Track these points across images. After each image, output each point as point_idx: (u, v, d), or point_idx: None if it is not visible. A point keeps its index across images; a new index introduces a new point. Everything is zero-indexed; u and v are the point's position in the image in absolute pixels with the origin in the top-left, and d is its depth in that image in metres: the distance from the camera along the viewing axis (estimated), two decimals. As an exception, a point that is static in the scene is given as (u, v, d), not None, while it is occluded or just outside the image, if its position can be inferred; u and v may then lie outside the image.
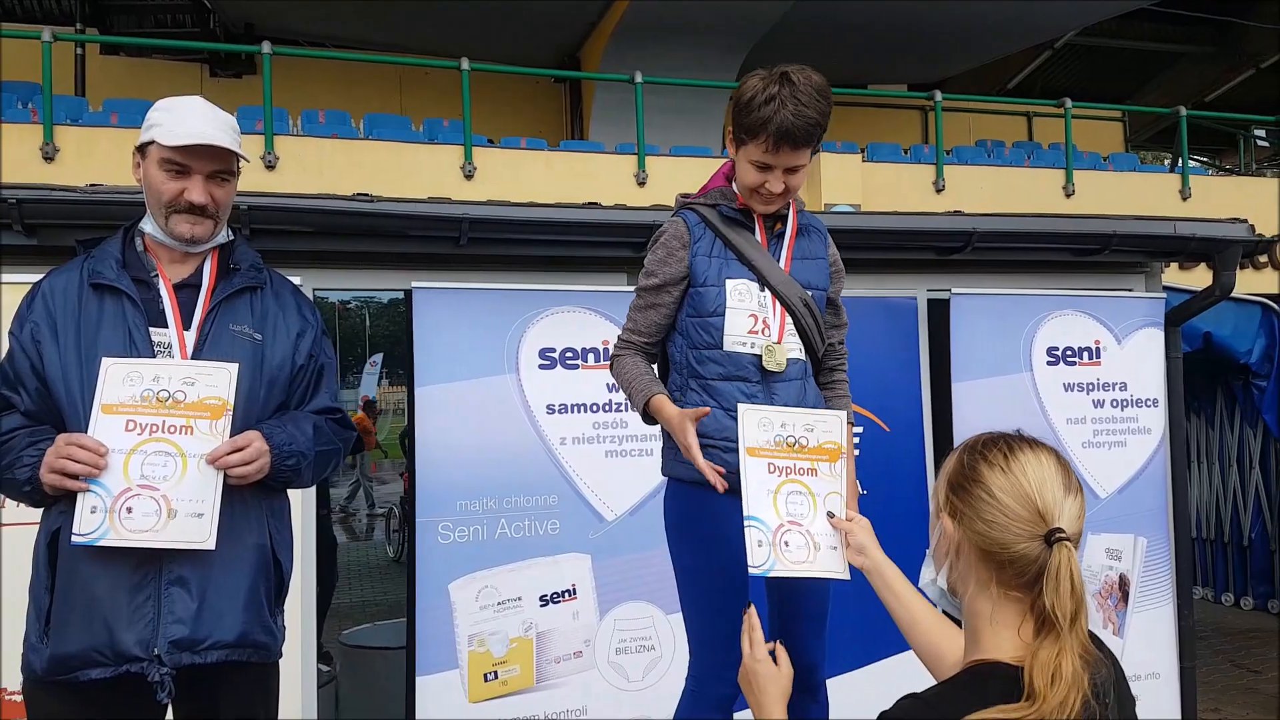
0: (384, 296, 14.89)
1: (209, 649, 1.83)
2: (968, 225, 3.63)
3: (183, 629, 1.81)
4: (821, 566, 1.92)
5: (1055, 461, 1.28)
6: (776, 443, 1.95)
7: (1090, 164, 11.34)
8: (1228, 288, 4.32)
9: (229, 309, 1.96)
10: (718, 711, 2.10)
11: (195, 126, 1.89)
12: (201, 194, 1.91)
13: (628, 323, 2.16)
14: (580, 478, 3.32)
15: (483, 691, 3.11)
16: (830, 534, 1.92)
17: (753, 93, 2.01)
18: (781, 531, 1.90)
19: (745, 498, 1.89)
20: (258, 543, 1.93)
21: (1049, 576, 1.20)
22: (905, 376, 3.77)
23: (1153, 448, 4.08)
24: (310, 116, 9.26)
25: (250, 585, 1.90)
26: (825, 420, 1.99)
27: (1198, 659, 6.24)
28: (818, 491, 1.94)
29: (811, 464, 1.95)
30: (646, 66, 9.65)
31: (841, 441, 2.00)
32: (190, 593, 1.83)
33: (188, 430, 1.83)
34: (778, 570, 1.89)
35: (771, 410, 1.99)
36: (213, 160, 1.92)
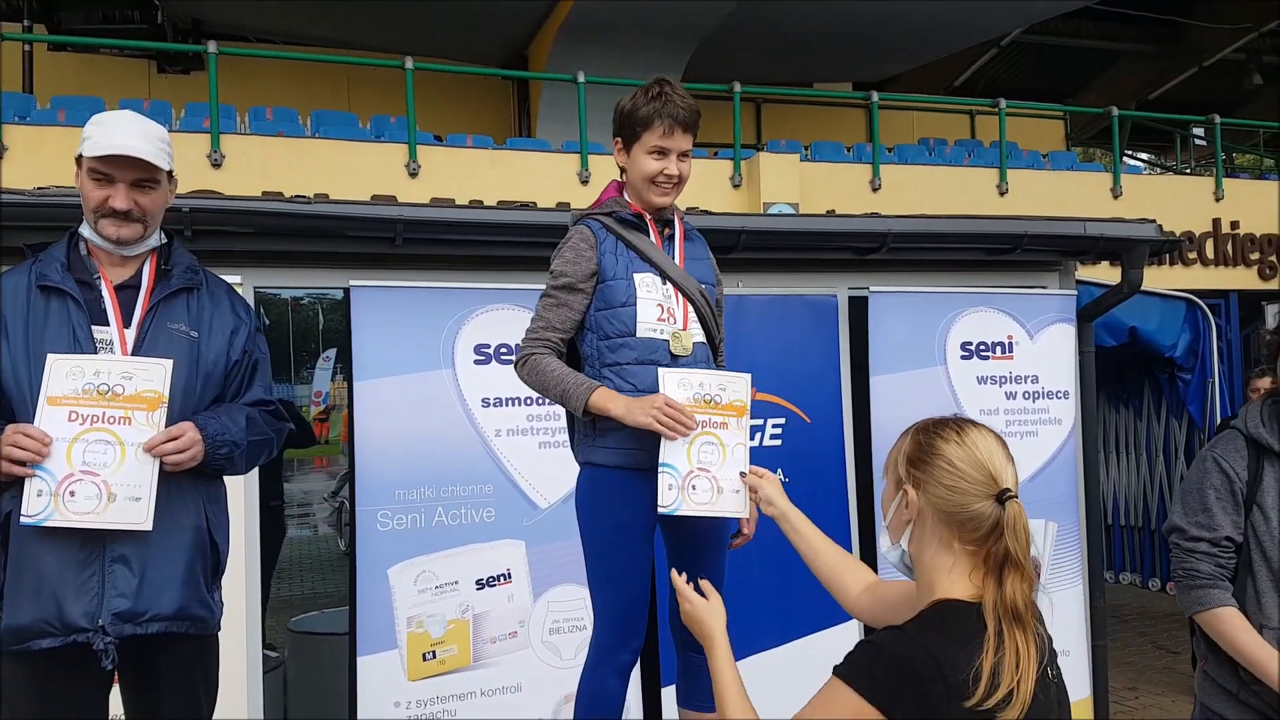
0: (337, 293, 14.82)
1: (149, 620, 2.00)
2: (883, 226, 3.83)
3: (125, 602, 1.97)
4: (723, 508, 2.21)
5: (996, 436, 1.52)
6: (694, 400, 2.20)
7: (1029, 162, 11.65)
8: (1135, 285, 4.55)
9: (166, 308, 2.12)
10: (618, 678, 2.28)
11: (118, 138, 2.05)
12: (124, 201, 2.07)
13: (536, 322, 2.30)
14: (514, 468, 3.46)
15: (421, 670, 3.26)
16: (734, 480, 2.20)
17: (637, 98, 2.29)
18: (691, 477, 2.17)
19: (662, 446, 2.14)
20: (194, 524, 2.10)
21: (1007, 526, 1.43)
22: (826, 370, 3.96)
23: (1063, 437, 4.30)
24: (258, 114, 9.26)
25: (188, 563, 2.06)
26: (735, 381, 2.27)
27: (1122, 641, 6.57)
28: (727, 442, 2.22)
29: (724, 419, 2.23)
30: (592, 65, 9.76)
31: (748, 400, 2.26)
32: (132, 569, 1.99)
33: (126, 421, 2.00)
34: (683, 510, 2.16)
35: (689, 372, 2.24)
36: (134, 169, 2.08)
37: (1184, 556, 2.22)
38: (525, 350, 2.31)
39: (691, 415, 2.16)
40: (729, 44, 11.61)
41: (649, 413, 2.12)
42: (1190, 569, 2.20)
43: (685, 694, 2.45)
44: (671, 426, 2.12)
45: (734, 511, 2.23)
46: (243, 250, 3.20)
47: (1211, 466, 2.22)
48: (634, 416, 2.14)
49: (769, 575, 3.58)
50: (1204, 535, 2.19)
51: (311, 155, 7.93)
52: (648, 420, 2.12)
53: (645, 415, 2.13)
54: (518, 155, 8.82)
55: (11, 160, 6.97)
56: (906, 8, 11.74)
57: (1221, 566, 2.18)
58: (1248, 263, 11.39)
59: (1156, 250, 4.68)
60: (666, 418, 2.12)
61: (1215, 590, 2.17)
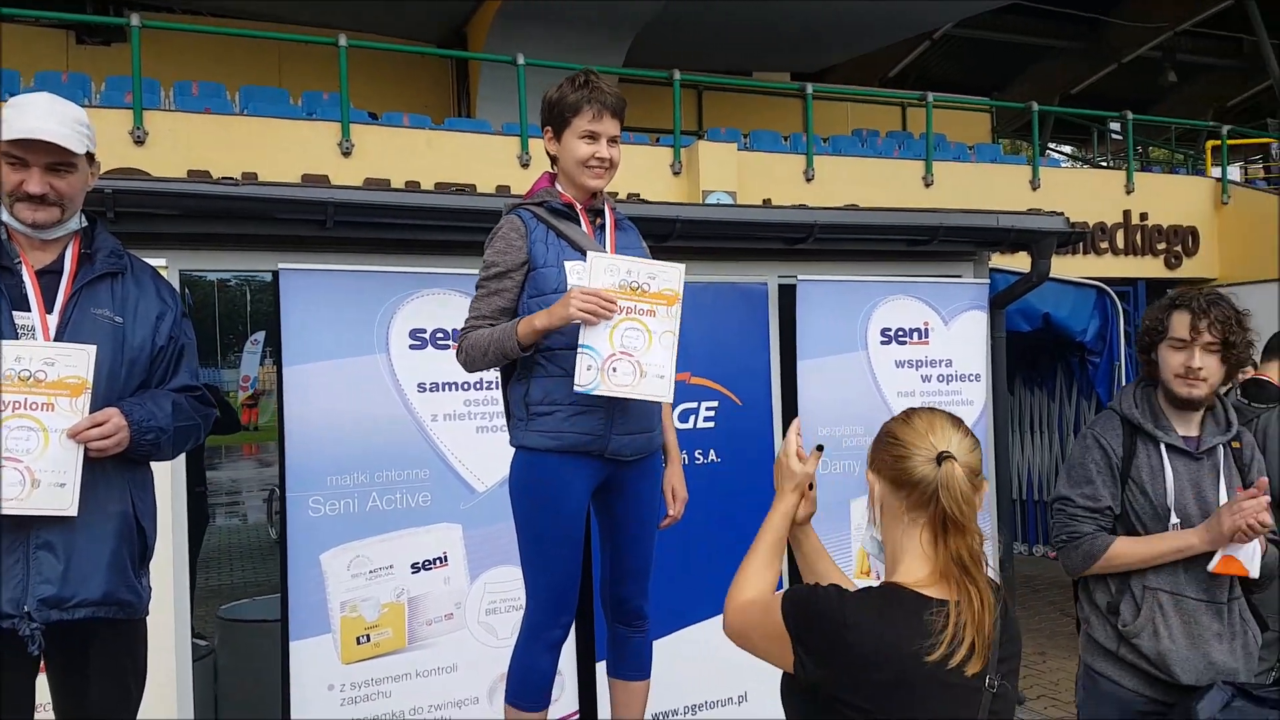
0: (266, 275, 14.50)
1: (75, 606, 2.01)
2: (810, 218, 3.96)
3: (50, 588, 1.98)
4: (645, 390, 2.24)
5: (946, 415, 1.63)
6: (620, 285, 2.24)
7: (955, 154, 11.99)
8: (1044, 274, 4.79)
9: (90, 293, 2.11)
10: (549, 653, 2.37)
11: (30, 122, 2.03)
12: (38, 184, 2.05)
13: (470, 314, 2.37)
14: (451, 452, 3.49)
15: (356, 653, 3.28)
16: (660, 366, 2.24)
17: (564, 87, 2.36)
18: (612, 359, 2.20)
19: (582, 330, 2.18)
20: (120, 510, 2.10)
21: (942, 485, 1.53)
22: (756, 355, 4.08)
23: (975, 417, 4.48)
24: (184, 89, 9.00)
25: (114, 549, 2.07)
26: (666, 272, 2.30)
27: (1033, 609, 6.87)
28: (654, 329, 2.26)
29: (651, 306, 2.26)
30: (533, 46, 9.73)
31: (679, 290, 2.30)
32: (57, 555, 1.99)
33: (49, 407, 1.99)
34: (601, 390, 2.20)
35: (618, 258, 2.28)
36: (49, 153, 2.06)
37: (1068, 521, 2.42)
38: (460, 339, 2.36)
39: (612, 299, 2.19)
40: (670, 31, 11.68)
41: (567, 305, 2.17)
42: (1074, 531, 2.40)
43: (614, 664, 2.55)
44: (592, 311, 2.16)
45: (657, 395, 2.26)
46: (168, 233, 3.16)
47: (1092, 443, 2.44)
48: (556, 317, 2.19)
49: (692, 554, 3.69)
50: (1088, 504, 2.40)
51: (240, 133, 7.75)
52: (568, 312, 2.17)
53: (564, 309, 2.18)
54: (456, 136, 8.74)
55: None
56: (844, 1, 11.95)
57: (1102, 529, 2.39)
58: (1155, 252, 11.92)
59: (1064, 241, 4.92)
60: (584, 304, 2.16)
61: (1103, 536, 2.38)
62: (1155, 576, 2.35)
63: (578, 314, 2.17)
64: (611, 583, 2.48)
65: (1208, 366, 2.34)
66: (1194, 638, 2.33)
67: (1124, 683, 2.39)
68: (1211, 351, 2.34)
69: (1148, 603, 2.34)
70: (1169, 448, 2.38)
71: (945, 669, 1.47)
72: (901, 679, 1.48)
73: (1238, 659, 2.35)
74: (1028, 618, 6.15)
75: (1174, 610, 2.34)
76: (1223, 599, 2.36)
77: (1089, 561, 2.39)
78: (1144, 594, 2.35)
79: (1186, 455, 2.39)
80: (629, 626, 2.51)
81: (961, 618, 1.49)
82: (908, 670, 1.47)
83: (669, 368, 2.26)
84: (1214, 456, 2.40)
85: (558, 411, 2.27)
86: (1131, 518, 2.39)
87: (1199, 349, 2.33)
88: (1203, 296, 2.39)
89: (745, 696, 3.96)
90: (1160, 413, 2.42)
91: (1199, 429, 2.42)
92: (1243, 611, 2.41)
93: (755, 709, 3.95)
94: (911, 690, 1.48)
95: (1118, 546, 2.35)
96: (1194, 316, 2.34)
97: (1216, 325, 2.32)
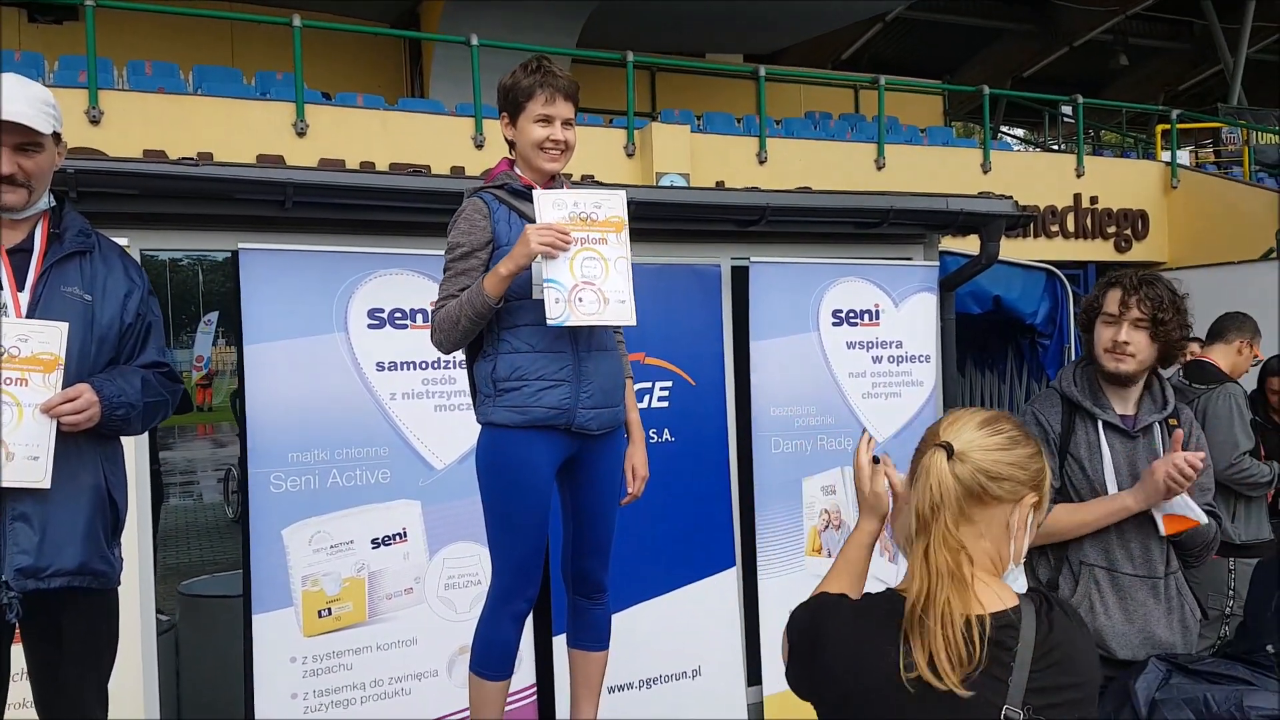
0: (218, 255, 14.37)
1: (51, 576, 2.07)
2: (762, 201, 4.05)
3: (27, 559, 2.03)
4: (610, 316, 2.35)
5: (982, 413, 1.48)
6: (570, 218, 2.33)
7: (907, 137, 12.17)
8: (993, 256, 4.92)
9: (60, 272, 2.15)
10: (513, 624, 2.46)
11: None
12: (7, 164, 2.08)
13: (439, 295, 2.45)
14: (410, 430, 3.54)
15: (317, 627, 3.35)
16: (620, 291, 2.35)
17: (518, 74, 2.43)
18: (576, 290, 2.30)
19: (544, 266, 2.27)
20: (93, 483, 2.16)
21: (921, 472, 1.41)
22: (710, 336, 4.17)
23: (925, 398, 4.60)
24: (137, 68, 8.86)
25: (88, 520, 2.13)
26: (610, 199, 2.40)
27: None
28: (609, 256, 2.36)
29: (602, 234, 2.36)
30: (486, 26, 9.70)
31: (624, 216, 2.40)
32: (33, 527, 2.05)
33: (23, 383, 2.04)
34: (572, 320, 2.30)
35: (561, 192, 2.38)
36: (16, 134, 2.09)
37: None
38: (431, 320, 2.45)
39: (565, 230, 2.28)
40: (623, 13, 11.68)
41: (526, 243, 2.26)
42: None
43: (574, 635, 2.65)
44: (550, 243, 2.26)
45: (621, 320, 2.36)
46: (129, 213, 3.17)
47: (1030, 420, 2.54)
48: (517, 257, 2.27)
49: (646, 531, 3.79)
50: None
51: (195, 113, 7.69)
52: (528, 249, 2.25)
53: (524, 247, 2.26)
54: (410, 117, 8.73)
55: None
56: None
57: None
58: (1105, 235, 12.21)
59: (1013, 224, 5.04)
60: (542, 238, 2.25)
61: None
62: (1091, 552, 2.41)
63: (537, 248, 2.25)
64: (574, 557, 2.58)
65: (1136, 342, 2.40)
66: (1130, 613, 2.39)
67: None
68: (1140, 327, 2.40)
69: (1084, 579, 2.40)
70: (1106, 425, 2.45)
71: (920, 683, 1.33)
72: (869, 693, 1.37)
73: (1175, 634, 2.41)
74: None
75: (1110, 586, 2.39)
76: (1160, 573, 2.42)
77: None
78: (1080, 569, 2.41)
79: (1123, 433, 2.46)
80: (589, 599, 2.61)
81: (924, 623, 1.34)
82: (873, 683, 1.36)
83: (628, 292, 2.36)
84: (1150, 435, 2.47)
85: (525, 387, 2.36)
86: (1070, 493, 2.46)
87: (1127, 324, 2.41)
88: (1137, 275, 2.47)
89: (699, 670, 4.07)
90: (1099, 391, 2.49)
91: (1135, 408, 2.50)
92: (1180, 587, 2.46)
93: (707, 684, 4.07)
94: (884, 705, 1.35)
95: (1055, 513, 2.39)
96: (1125, 293, 2.42)
97: (1146, 302, 2.39)
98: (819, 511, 4.31)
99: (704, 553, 4.10)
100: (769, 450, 4.22)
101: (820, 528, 4.31)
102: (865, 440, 1.73)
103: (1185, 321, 2.46)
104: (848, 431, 4.37)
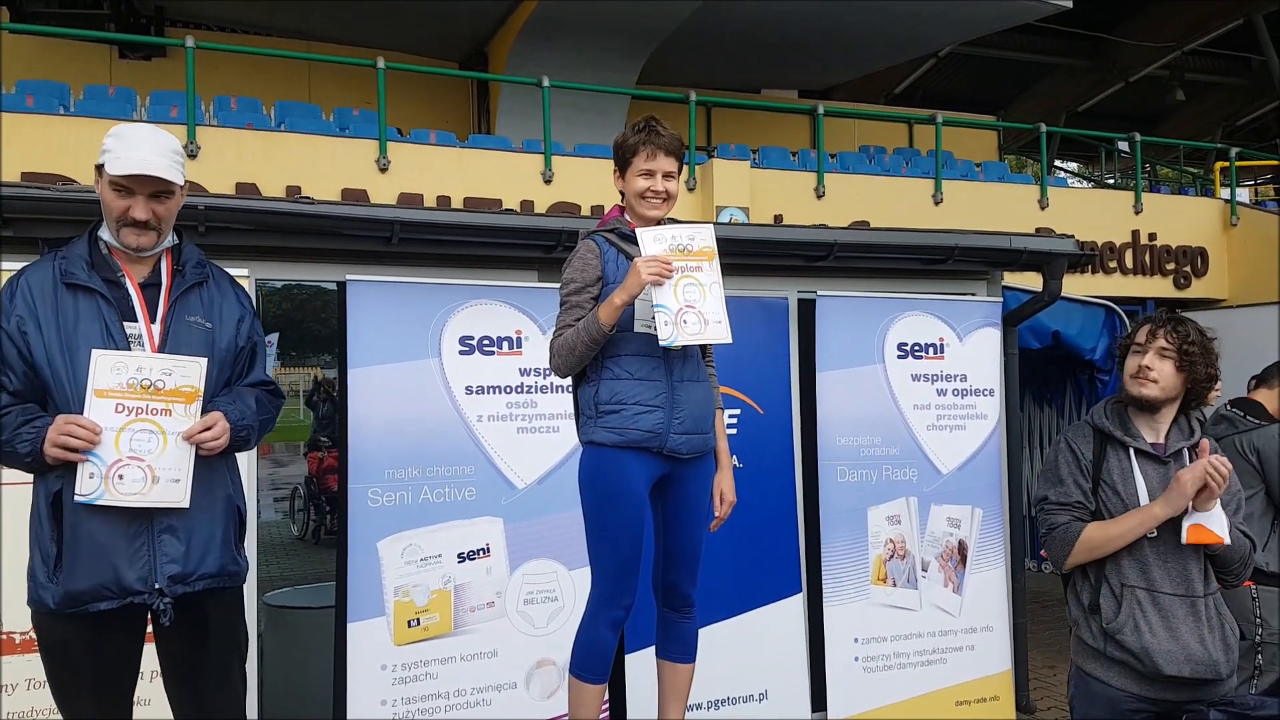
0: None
1: (197, 579, 2.27)
2: (830, 237, 4.22)
3: (176, 566, 2.24)
4: (711, 335, 2.59)
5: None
6: (670, 249, 2.59)
7: (962, 171, 12.22)
8: (1055, 294, 5.01)
9: (184, 303, 2.35)
10: (610, 630, 2.63)
11: (138, 155, 2.26)
12: (143, 211, 2.28)
13: (556, 326, 2.66)
14: (494, 450, 3.74)
15: (406, 636, 3.54)
16: (717, 313, 2.60)
17: (627, 133, 2.69)
18: (681, 313, 2.55)
19: (653, 293, 2.54)
20: (225, 494, 2.37)
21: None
22: (777, 367, 4.32)
23: (989, 431, 4.67)
24: (222, 103, 9.31)
25: (223, 527, 2.34)
26: (701, 231, 2.66)
27: (1043, 624, 7.04)
28: (704, 282, 2.61)
29: (697, 263, 2.61)
30: (551, 65, 10.02)
31: (714, 246, 2.65)
32: (178, 537, 2.25)
33: (167, 413, 2.25)
34: (680, 340, 2.55)
35: (661, 228, 2.63)
36: (152, 184, 2.29)
37: (1046, 517, 2.62)
38: (550, 349, 2.66)
39: (668, 260, 2.53)
40: (682, 50, 11.95)
41: (637, 274, 2.50)
42: (1053, 523, 2.60)
43: (662, 646, 2.81)
44: (657, 273, 2.50)
45: (720, 338, 2.60)
46: (246, 245, 3.43)
47: (1064, 447, 2.65)
48: (630, 287, 2.52)
49: (719, 553, 3.92)
50: (1062, 500, 2.59)
51: (282, 149, 8.06)
52: (639, 279, 2.49)
53: (634, 278, 2.51)
54: (482, 154, 9.04)
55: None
56: (854, 18, 12.21)
57: (1078, 519, 2.57)
58: (1164, 272, 12.10)
59: (1074, 262, 5.14)
60: (649, 269, 2.49)
61: (1076, 524, 2.56)
62: (1130, 573, 2.49)
63: (647, 278, 2.50)
64: (663, 571, 2.75)
65: (1159, 369, 2.53)
66: (1174, 631, 2.46)
67: (1112, 681, 2.51)
68: (1165, 356, 2.53)
69: (1127, 600, 2.48)
70: (1137, 452, 2.56)
71: None
72: None
73: (1218, 651, 2.47)
74: (1037, 632, 6.29)
75: (1152, 606, 2.47)
76: (1199, 592, 2.50)
77: (1066, 548, 2.55)
78: (1122, 591, 2.50)
79: (1154, 459, 2.57)
80: (677, 613, 2.78)
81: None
82: None
83: (724, 314, 2.60)
84: (1180, 461, 2.57)
85: (623, 410, 2.55)
86: (1107, 517, 2.55)
87: (1152, 351, 2.54)
88: (1167, 313, 2.61)
89: (765, 694, 4.17)
90: (1129, 421, 2.60)
91: (1165, 437, 2.60)
92: (1219, 606, 2.54)
93: (774, 707, 4.17)
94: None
95: (1089, 530, 2.51)
96: (1153, 325, 2.57)
97: (1173, 334, 2.53)
98: (884, 541, 4.41)
99: (771, 578, 4.22)
100: (835, 479, 4.34)
101: (885, 557, 4.40)
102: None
103: (1212, 360, 2.57)
104: (913, 462, 4.47)
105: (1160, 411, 2.59)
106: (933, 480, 4.53)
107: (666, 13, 10.90)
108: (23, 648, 3.14)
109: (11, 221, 3.03)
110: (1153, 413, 2.58)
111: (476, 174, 8.61)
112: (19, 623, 3.06)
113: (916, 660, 4.42)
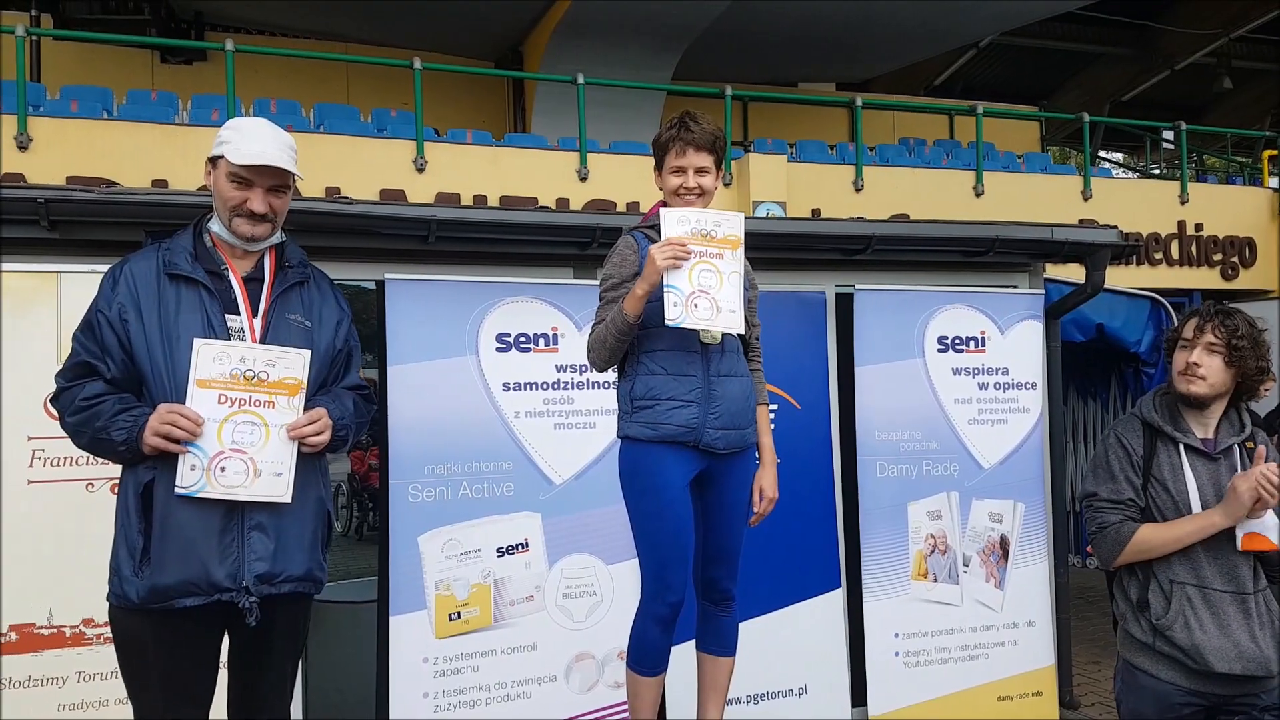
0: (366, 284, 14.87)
1: (283, 581, 2.20)
2: (868, 230, 4.17)
3: (264, 565, 2.17)
4: (721, 323, 2.54)
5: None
6: (692, 233, 2.54)
7: (1004, 163, 12.05)
8: (1098, 286, 4.91)
9: (285, 300, 2.30)
10: (655, 625, 2.63)
11: (259, 146, 2.25)
12: (261, 204, 2.28)
13: (594, 320, 2.67)
14: (532, 446, 3.76)
15: (448, 629, 3.57)
16: (732, 302, 2.53)
17: (663, 130, 2.68)
18: (693, 296, 2.50)
19: (667, 275, 2.48)
20: (318, 496, 2.31)
21: None
22: (815, 361, 4.29)
23: (1031, 425, 4.60)
24: (263, 106, 9.46)
25: (313, 530, 2.28)
26: (730, 219, 2.60)
27: (1087, 619, 6.93)
28: (724, 270, 2.55)
29: (720, 250, 2.56)
30: (586, 63, 10.05)
31: (741, 235, 2.59)
32: (268, 535, 2.19)
33: (270, 405, 2.19)
34: (687, 323, 2.50)
35: (686, 210, 2.58)
36: (271, 176, 2.28)
37: (1096, 514, 2.57)
38: (587, 343, 2.66)
39: (684, 243, 2.49)
40: (718, 45, 11.91)
41: (653, 260, 2.47)
42: (1103, 522, 2.55)
43: (703, 639, 2.81)
44: (671, 256, 2.46)
45: (729, 327, 2.55)
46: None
47: (1114, 442, 2.60)
48: (649, 275, 2.48)
49: (758, 548, 3.91)
50: (1113, 497, 2.55)
51: (321, 150, 8.16)
52: (655, 267, 2.46)
53: (650, 268, 2.48)
54: (517, 152, 9.09)
55: (35, 152, 7.09)
56: (893, 11, 12.09)
57: (1129, 519, 2.53)
58: (1210, 263, 11.85)
59: (1118, 254, 5.03)
60: (663, 254, 2.46)
61: (1129, 524, 2.51)
62: (1180, 570, 2.46)
63: (662, 263, 2.46)
64: (703, 564, 2.75)
65: (1208, 365, 2.48)
66: (1224, 627, 2.43)
67: (1160, 675, 2.49)
68: (1214, 352, 2.48)
69: (1176, 596, 2.45)
70: (1187, 448, 2.52)
71: None
72: None
73: (1270, 648, 2.44)
74: (1081, 626, 6.20)
75: (1202, 602, 2.44)
76: (1249, 589, 2.46)
77: (1117, 548, 2.51)
78: (1171, 588, 2.46)
79: (1204, 455, 2.52)
80: (716, 606, 2.78)
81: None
82: None
83: (739, 303, 2.54)
84: (1230, 457, 2.52)
85: (657, 405, 2.55)
86: (1155, 514, 2.52)
87: (1200, 347, 2.49)
88: (1216, 306, 2.55)
89: (805, 689, 4.16)
90: (1179, 416, 2.55)
91: (1215, 432, 2.55)
92: (1269, 603, 2.49)
93: (813, 701, 4.15)
94: None
95: (1143, 532, 2.47)
96: (1201, 320, 2.52)
97: (1221, 329, 2.47)
98: (924, 536, 4.37)
99: (810, 573, 4.20)
100: (874, 474, 4.30)
101: (926, 552, 4.37)
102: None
103: (1263, 354, 2.51)
104: (954, 457, 4.42)
105: (1210, 407, 2.54)
106: (974, 475, 4.48)
107: (699, 10, 10.87)
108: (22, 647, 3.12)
109: (58, 224, 3.11)
110: (1202, 409, 2.54)
111: (512, 172, 8.66)
112: (17, 618, 3.09)
113: (958, 655, 4.37)
